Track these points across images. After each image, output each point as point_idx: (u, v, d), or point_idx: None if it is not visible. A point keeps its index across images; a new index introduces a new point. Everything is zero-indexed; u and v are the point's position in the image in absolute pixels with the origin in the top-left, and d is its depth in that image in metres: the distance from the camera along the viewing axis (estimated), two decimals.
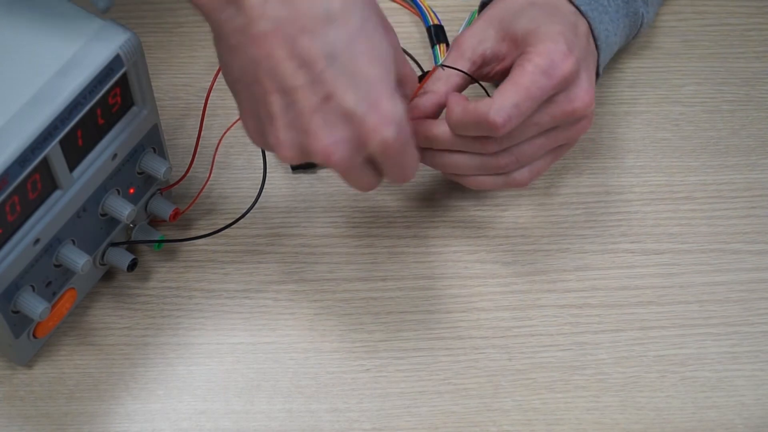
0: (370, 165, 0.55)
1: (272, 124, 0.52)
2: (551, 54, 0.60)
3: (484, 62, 0.65)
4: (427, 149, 0.63)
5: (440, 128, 0.62)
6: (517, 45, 0.63)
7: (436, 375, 0.63)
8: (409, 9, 0.80)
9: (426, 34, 0.78)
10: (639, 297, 0.67)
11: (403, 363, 0.64)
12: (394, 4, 0.80)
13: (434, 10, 0.78)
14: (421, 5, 0.78)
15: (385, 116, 0.51)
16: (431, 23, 0.77)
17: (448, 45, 0.76)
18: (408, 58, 0.77)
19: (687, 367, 0.64)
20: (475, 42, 0.64)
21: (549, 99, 0.61)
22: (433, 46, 0.77)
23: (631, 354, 0.65)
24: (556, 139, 0.63)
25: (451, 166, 0.64)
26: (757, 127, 0.74)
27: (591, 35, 0.65)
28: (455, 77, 0.64)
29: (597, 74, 0.67)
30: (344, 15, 0.50)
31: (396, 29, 0.78)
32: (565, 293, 0.67)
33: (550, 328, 0.65)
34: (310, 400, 0.62)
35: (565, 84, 0.61)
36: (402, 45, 0.77)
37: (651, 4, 0.71)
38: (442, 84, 0.64)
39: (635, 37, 0.73)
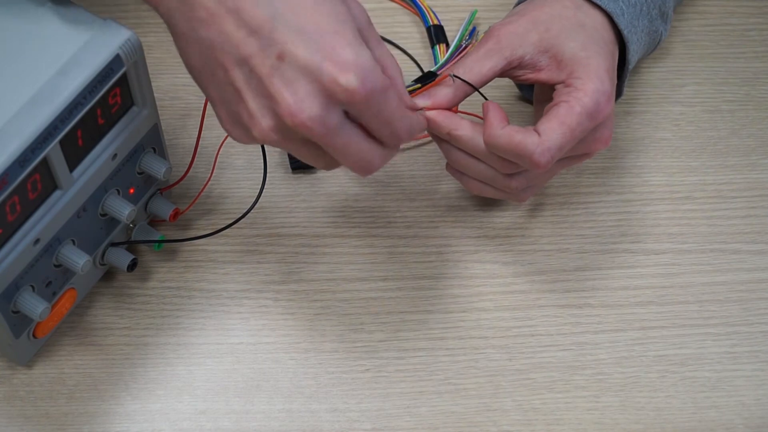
0: (357, 129, 0.53)
1: (241, 100, 0.52)
2: (598, 96, 0.60)
3: (520, 66, 0.63)
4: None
5: (465, 131, 0.61)
6: (561, 67, 0.62)
7: (436, 375, 0.63)
8: (408, 9, 0.80)
9: (426, 35, 0.78)
10: (639, 297, 0.67)
11: (403, 363, 0.64)
12: (394, 4, 0.80)
13: (434, 10, 0.78)
14: (421, 5, 0.78)
15: (342, 64, 0.50)
16: (431, 23, 0.77)
17: (448, 45, 0.76)
18: (408, 58, 0.77)
19: (687, 367, 0.64)
20: (516, 42, 0.62)
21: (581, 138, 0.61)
22: (432, 47, 0.77)
23: (631, 354, 0.65)
24: (566, 164, 0.64)
25: (462, 165, 0.64)
26: (757, 127, 0.74)
27: (617, 62, 0.65)
28: (482, 72, 0.62)
29: (619, 94, 0.68)
30: None
31: (395, 29, 0.79)
32: (565, 293, 0.67)
33: (550, 328, 0.65)
34: (310, 400, 0.62)
35: (599, 125, 0.61)
36: (402, 45, 0.78)
37: (668, 21, 0.71)
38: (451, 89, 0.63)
39: (649, 54, 0.73)
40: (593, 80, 0.61)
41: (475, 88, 0.62)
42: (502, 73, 0.64)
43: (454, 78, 0.61)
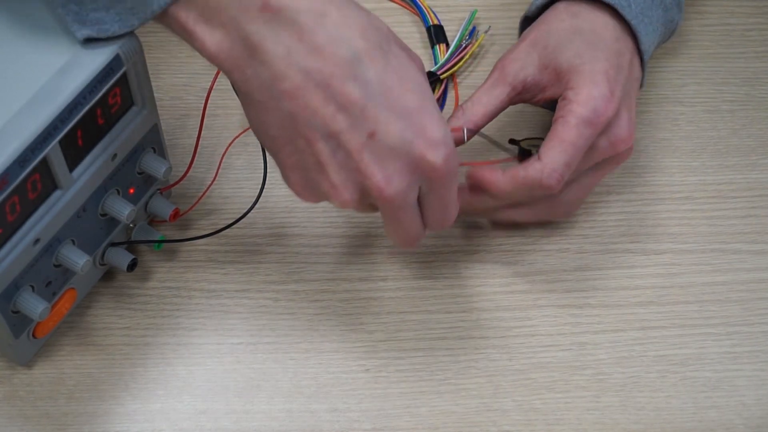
0: (417, 206, 0.55)
1: (323, 171, 0.52)
2: (594, 101, 0.60)
3: (525, 89, 0.64)
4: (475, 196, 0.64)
5: (496, 176, 0.62)
6: (560, 79, 0.62)
7: (436, 375, 0.63)
8: (408, 9, 0.80)
9: (426, 35, 0.78)
10: (639, 297, 0.67)
11: (403, 363, 0.64)
12: (394, 4, 0.80)
13: (434, 10, 0.78)
14: (421, 5, 0.78)
15: (431, 140, 0.52)
16: (431, 23, 0.77)
17: (447, 45, 0.76)
18: None
19: (687, 367, 0.64)
20: (518, 67, 0.64)
21: (592, 145, 0.61)
22: (432, 47, 0.77)
23: (631, 354, 0.65)
24: (602, 173, 0.64)
25: (508, 214, 0.65)
26: (757, 127, 0.74)
27: (635, 54, 0.64)
28: (490, 103, 0.64)
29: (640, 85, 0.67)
30: (369, 53, 0.51)
31: (396, 29, 0.79)
32: (565, 293, 0.67)
33: (550, 328, 0.65)
34: (310, 400, 0.62)
35: (607, 126, 0.61)
36: None
37: (682, 9, 0.70)
38: (480, 106, 0.65)
39: (665, 42, 0.72)
40: (587, 86, 0.61)
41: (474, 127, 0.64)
42: (513, 101, 0.65)
43: (466, 132, 0.64)
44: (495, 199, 0.63)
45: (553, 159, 0.60)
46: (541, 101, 0.65)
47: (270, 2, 0.49)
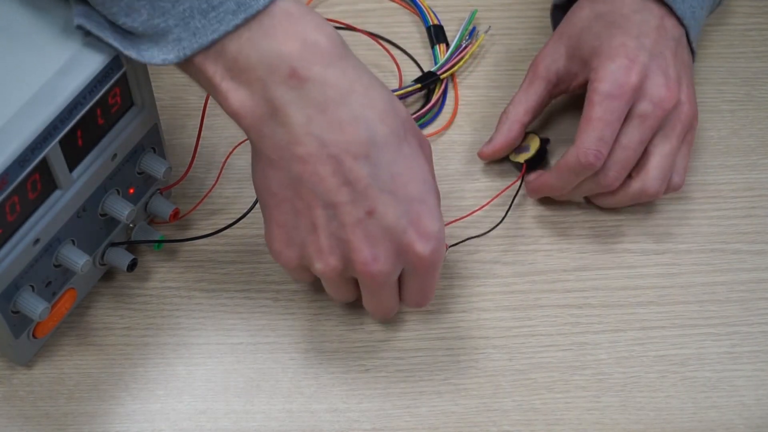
0: (396, 285, 0.57)
1: (314, 234, 0.54)
2: (613, 74, 0.62)
3: (559, 80, 0.67)
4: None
5: (544, 177, 0.66)
6: (586, 65, 0.65)
7: (436, 375, 0.63)
8: (408, 9, 0.80)
9: (426, 35, 0.78)
10: (639, 297, 0.67)
11: (403, 363, 0.64)
12: (394, 4, 0.80)
13: (434, 10, 0.78)
14: (421, 5, 0.78)
15: (423, 231, 0.54)
16: (431, 23, 0.77)
17: (447, 45, 0.76)
18: (408, 58, 0.77)
19: (687, 367, 0.64)
20: (548, 62, 0.67)
21: (634, 115, 0.62)
22: (432, 47, 0.77)
23: (631, 354, 0.65)
24: (672, 139, 0.64)
25: (608, 204, 0.68)
26: (757, 127, 0.74)
27: (668, 16, 0.65)
28: (530, 100, 0.67)
29: (692, 51, 0.67)
30: (385, 138, 0.52)
31: (395, 29, 0.79)
32: (565, 293, 0.67)
33: (550, 328, 0.65)
34: (310, 400, 0.62)
35: (638, 92, 0.62)
36: (402, 45, 0.78)
37: None
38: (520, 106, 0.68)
39: (718, 5, 0.73)
40: (604, 63, 0.63)
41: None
42: (552, 94, 0.68)
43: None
44: (560, 195, 0.67)
45: (583, 138, 0.62)
46: (577, 89, 0.67)
47: (299, 71, 0.50)
